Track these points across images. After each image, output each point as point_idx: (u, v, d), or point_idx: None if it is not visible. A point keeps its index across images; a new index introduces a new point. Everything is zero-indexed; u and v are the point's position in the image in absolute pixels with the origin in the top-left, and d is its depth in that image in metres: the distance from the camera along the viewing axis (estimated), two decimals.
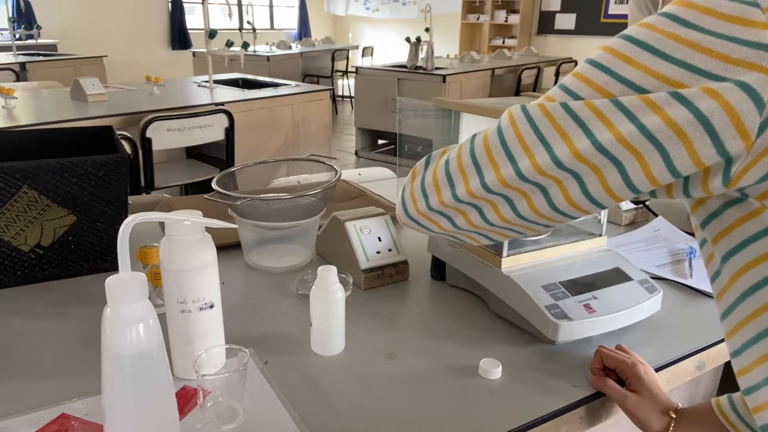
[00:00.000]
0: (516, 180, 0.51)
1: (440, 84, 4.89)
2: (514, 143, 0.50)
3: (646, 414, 0.70)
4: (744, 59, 0.40)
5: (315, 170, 1.33)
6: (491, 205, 0.54)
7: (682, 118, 0.42)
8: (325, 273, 0.78)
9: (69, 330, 0.84)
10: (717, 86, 0.41)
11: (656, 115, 0.43)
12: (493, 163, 0.52)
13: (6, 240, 0.93)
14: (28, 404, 0.67)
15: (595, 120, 0.45)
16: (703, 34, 0.42)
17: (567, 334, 0.79)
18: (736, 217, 0.48)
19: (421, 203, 0.60)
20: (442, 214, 0.58)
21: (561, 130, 0.47)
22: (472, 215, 0.56)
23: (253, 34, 5.73)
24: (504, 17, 8.88)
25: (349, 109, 7.64)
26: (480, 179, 0.53)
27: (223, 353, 0.69)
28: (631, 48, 0.45)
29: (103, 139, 1.14)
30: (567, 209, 0.50)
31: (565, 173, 0.48)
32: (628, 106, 0.44)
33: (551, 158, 0.48)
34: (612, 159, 0.45)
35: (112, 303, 0.53)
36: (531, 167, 0.49)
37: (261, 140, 3.41)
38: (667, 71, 0.43)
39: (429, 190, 0.59)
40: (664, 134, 0.43)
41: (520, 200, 0.52)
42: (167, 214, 0.61)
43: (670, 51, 0.43)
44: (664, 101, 0.42)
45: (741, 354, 0.52)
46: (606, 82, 0.46)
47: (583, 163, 0.46)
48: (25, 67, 4.84)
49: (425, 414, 0.69)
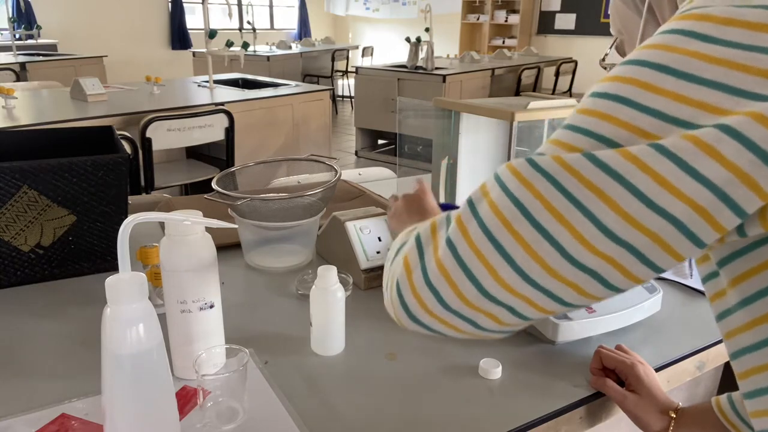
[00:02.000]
0: (561, 263, 0.38)
1: (440, 84, 4.89)
2: (539, 211, 0.38)
3: (645, 414, 0.70)
4: None
5: (315, 170, 1.33)
6: (525, 302, 0.41)
7: (740, 157, 0.34)
8: (325, 273, 0.78)
9: (69, 330, 0.84)
10: (761, 108, 0.34)
11: (711, 159, 0.35)
12: (519, 240, 0.39)
13: (6, 240, 0.93)
14: (28, 404, 0.67)
15: (640, 174, 0.36)
16: (731, 49, 0.36)
17: (567, 334, 0.79)
18: (765, 258, 0.42)
19: (430, 301, 0.44)
20: (461, 316, 0.44)
21: (598, 190, 0.37)
22: (503, 315, 0.42)
23: (253, 34, 5.73)
24: (504, 17, 8.88)
25: (349, 109, 7.64)
26: (511, 265, 0.39)
27: (223, 353, 0.69)
28: (650, 73, 0.37)
29: (103, 139, 1.14)
30: (626, 285, 0.39)
31: (619, 247, 0.37)
32: (676, 150, 0.35)
33: (600, 229, 0.37)
34: (672, 219, 0.36)
35: (112, 303, 0.53)
36: (576, 242, 0.37)
37: (261, 140, 3.41)
38: (700, 95, 0.36)
39: (439, 284, 0.43)
40: (723, 179, 0.35)
41: (568, 292, 0.39)
42: (167, 214, 0.61)
43: (699, 72, 0.36)
44: (714, 138, 0.35)
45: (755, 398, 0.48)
46: (631, 116, 0.37)
47: (640, 230, 0.36)
48: (25, 67, 4.84)
49: (425, 414, 0.69)
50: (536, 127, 1.00)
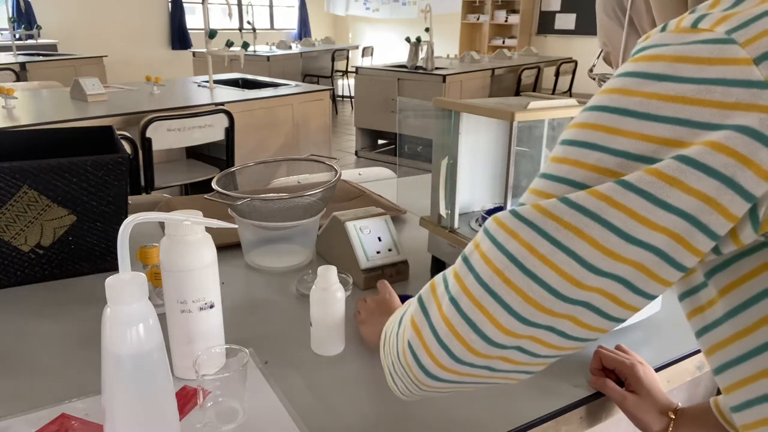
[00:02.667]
0: (551, 301, 0.41)
1: (440, 84, 4.89)
2: (526, 257, 0.41)
3: (645, 414, 0.70)
4: (738, 101, 0.37)
5: (315, 170, 1.33)
6: (532, 340, 0.43)
7: (704, 184, 0.37)
8: (325, 273, 0.78)
9: (69, 330, 0.84)
10: (718, 137, 0.37)
11: (676, 189, 0.37)
12: (513, 288, 0.41)
13: (6, 240, 0.93)
14: (28, 404, 0.67)
15: (610, 209, 0.39)
16: (684, 84, 0.38)
17: None
18: (751, 267, 0.43)
19: (444, 358, 0.46)
20: (475, 365, 0.45)
21: (575, 229, 0.39)
22: (513, 356, 0.44)
23: (253, 34, 5.72)
24: (504, 17, 8.89)
25: (349, 109, 7.64)
26: (508, 311, 0.42)
27: (223, 353, 0.69)
28: (610, 117, 0.40)
29: (103, 139, 1.14)
30: (623, 314, 0.42)
31: (606, 279, 0.40)
32: (639, 184, 0.38)
33: (581, 264, 0.39)
34: (650, 248, 0.38)
35: (112, 303, 0.53)
36: (563, 280, 0.40)
37: (261, 140, 3.41)
38: (659, 132, 0.38)
39: (448, 339, 0.45)
40: (693, 207, 0.37)
41: (566, 325, 0.42)
42: (167, 214, 0.61)
43: (656, 110, 0.39)
44: (674, 170, 0.37)
45: (743, 411, 0.48)
46: (598, 159, 0.40)
47: (621, 261, 0.39)
48: (25, 67, 4.85)
49: (425, 414, 0.69)
50: (536, 127, 1.00)
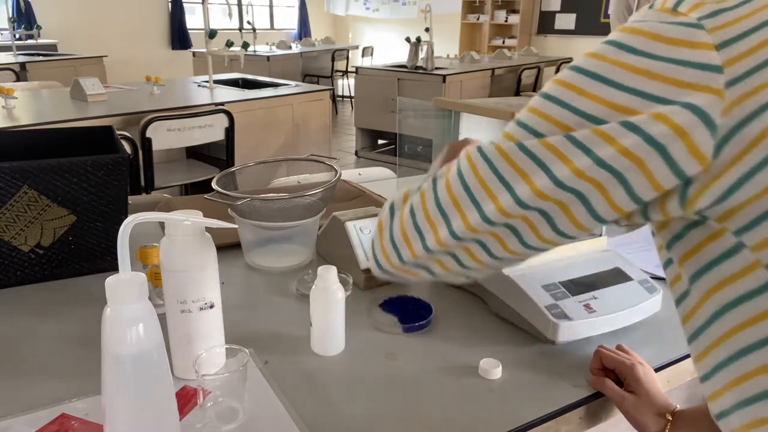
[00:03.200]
0: (482, 224, 0.49)
1: (440, 84, 4.89)
2: (476, 188, 0.49)
3: (642, 415, 0.69)
4: (692, 81, 0.41)
5: (315, 170, 1.33)
6: (464, 250, 0.52)
7: (636, 145, 0.42)
8: (325, 273, 0.78)
9: (69, 330, 0.84)
10: (666, 110, 0.41)
11: (610, 146, 0.43)
12: (459, 210, 0.51)
13: (6, 240, 0.93)
14: (28, 404, 0.67)
15: (552, 157, 0.45)
16: (651, 60, 0.42)
17: (567, 334, 0.79)
18: (699, 239, 0.47)
19: (393, 258, 0.57)
20: (417, 265, 0.56)
21: (520, 170, 0.47)
22: (447, 263, 0.55)
23: (253, 34, 5.72)
24: (504, 17, 8.88)
25: (349, 109, 7.64)
26: (448, 228, 0.52)
27: (223, 353, 0.69)
28: (583, 79, 0.45)
29: (103, 139, 1.14)
30: (539, 245, 0.50)
31: (532, 212, 0.47)
32: (583, 140, 0.44)
33: (514, 200, 0.47)
34: (575, 193, 0.45)
35: (112, 303, 0.53)
36: (496, 210, 0.48)
37: (261, 140, 3.41)
38: (618, 99, 0.43)
39: (399, 243, 0.56)
40: (620, 163, 0.43)
41: (492, 243, 0.51)
42: (167, 214, 0.61)
43: (621, 79, 0.43)
44: (616, 132, 0.43)
45: (711, 378, 0.51)
46: (562, 115, 0.46)
47: (547, 200, 0.46)
48: (25, 67, 4.84)
49: (425, 414, 0.69)
50: None
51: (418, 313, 0.88)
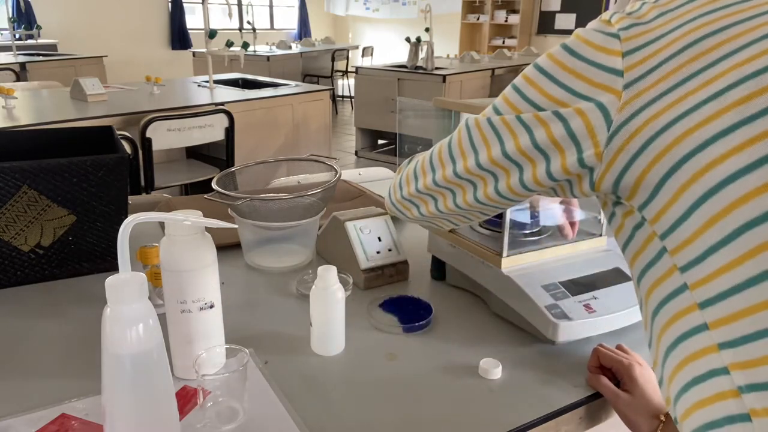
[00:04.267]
0: (453, 177, 0.63)
1: (440, 84, 4.89)
2: (455, 148, 0.63)
3: (635, 415, 0.69)
4: (602, 82, 0.49)
5: (315, 170, 1.33)
6: (441, 195, 0.67)
7: (559, 133, 0.52)
8: (325, 273, 0.78)
9: (69, 330, 0.84)
10: (583, 106, 0.50)
11: (542, 129, 0.53)
12: (441, 164, 0.65)
13: (6, 240, 0.93)
14: (28, 404, 0.67)
15: (506, 132, 0.56)
16: (579, 61, 0.51)
17: (567, 334, 0.79)
18: (620, 214, 0.53)
19: (398, 193, 0.74)
20: (411, 202, 0.72)
21: (485, 139, 0.58)
22: (430, 204, 0.70)
23: (253, 34, 5.72)
24: (504, 17, 8.88)
25: (349, 109, 7.64)
26: (432, 175, 0.66)
27: (223, 353, 0.69)
28: (536, 74, 0.55)
29: (103, 139, 1.14)
30: (486, 201, 0.62)
31: (485, 173, 0.59)
32: (527, 121, 0.54)
33: (475, 162, 0.60)
34: (515, 163, 0.56)
35: (112, 303, 0.53)
36: (463, 168, 0.61)
37: (261, 140, 3.41)
38: (554, 93, 0.52)
39: (403, 182, 0.73)
40: (547, 145, 0.53)
41: (458, 192, 0.64)
42: (167, 214, 0.61)
43: (558, 76, 0.52)
44: (549, 118, 0.52)
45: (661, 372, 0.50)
46: (517, 101, 0.56)
47: (496, 166, 0.58)
48: (25, 67, 4.84)
49: (425, 414, 0.69)
50: None
51: (418, 313, 0.88)
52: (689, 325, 0.45)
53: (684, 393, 0.46)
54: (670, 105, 0.45)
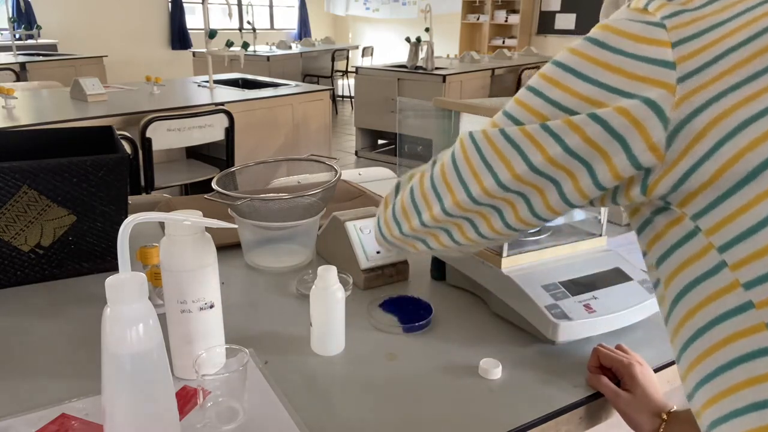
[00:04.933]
0: (470, 204, 0.55)
1: (440, 84, 4.89)
2: (464, 169, 0.54)
3: (637, 414, 0.69)
4: (648, 76, 0.44)
5: (315, 170, 1.33)
6: (455, 226, 0.58)
7: (599, 135, 0.46)
8: (325, 273, 0.78)
9: (69, 330, 0.84)
10: (626, 103, 0.44)
11: (576, 135, 0.46)
12: (449, 189, 0.56)
13: (6, 240, 0.93)
14: (28, 404, 0.67)
15: (528, 144, 0.49)
16: (615, 55, 0.45)
17: (567, 334, 0.79)
18: (663, 224, 0.49)
19: (395, 230, 0.65)
20: (416, 238, 0.63)
21: (501, 155, 0.51)
22: (441, 237, 0.60)
23: (253, 34, 5.72)
24: (504, 17, 8.88)
25: (349, 109, 7.64)
26: (440, 205, 0.57)
27: (223, 353, 0.69)
28: (558, 72, 0.49)
29: (103, 139, 1.14)
30: (519, 226, 0.54)
31: (512, 194, 0.52)
32: (555, 129, 0.48)
33: (496, 182, 0.52)
34: (549, 178, 0.49)
35: (112, 303, 0.53)
36: (480, 191, 0.53)
37: (261, 140, 3.41)
38: (586, 91, 0.46)
39: (399, 217, 0.63)
40: (586, 152, 0.47)
41: (479, 221, 0.56)
42: (167, 214, 0.61)
43: (589, 72, 0.46)
44: (582, 122, 0.46)
45: (679, 361, 0.50)
46: (539, 105, 0.49)
47: (525, 184, 0.51)
48: (25, 67, 4.84)
49: (425, 414, 0.69)
50: None
51: (418, 313, 0.88)
52: (728, 306, 0.43)
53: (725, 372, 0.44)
54: (743, 102, 0.41)
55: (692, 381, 0.48)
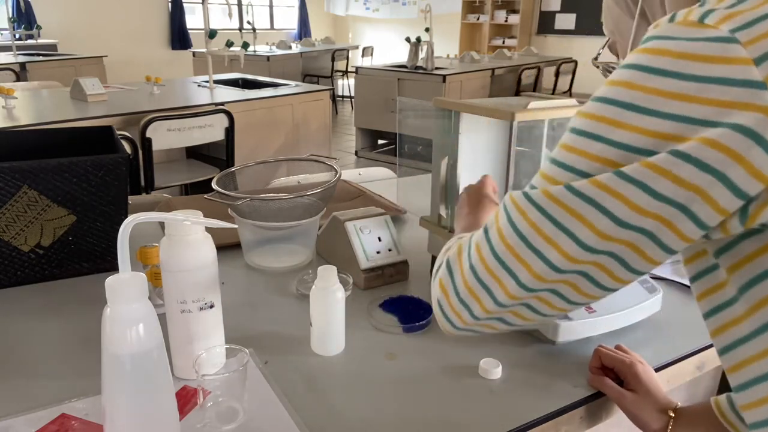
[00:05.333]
0: (551, 273, 0.47)
1: (440, 84, 4.89)
2: (533, 236, 0.47)
3: (644, 413, 0.70)
4: (734, 100, 0.39)
5: (315, 170, 1.33)
6: (539, 300, 0.51)
7: (695, 176, 0.40)
8: (325, 273, 0.78)
9: (69, 330, 0.84)
10: (714, 134, 0.39)
11: (666, 179, 0.41)
12: (521, 261, 0.49)
13: (6, 240, 0.93)
14: (28, 404, 0.67)
15: (606, 196, 0.43)
16: (687, 82, 0.40)
17: (567, 334, 0.79)
18: (754, 248, 0.46)
19: (465, 315, 0.56)
20: (491, 318, 0.54)
21: (576, 213, 0.45)
22: (523, 312, 0.53)
23: (253, 34, 5.73)
24: (504, 17, 8.88)
25: (349, 109, 7.64)
26: (515, 280, 0.50)
27: (223, 353, 0.69)
28: (615, 110, 0.43)
29: (103, 139, 1.14)
30: (615, 285, 0.48)
31: (601, 255, 0.45)
32: (634, 175, 0.42)
33: (578, 245, 0.45)
34: (641, 231, 0.43)
35: (112, 303, 0.53)
36: (561, 257, 0.46)
37: (261, 140, 3.41)
38: (660, 127, 0.41)
39: (468, 301, 0.54)
40: (681, 195, 0.41)
41: (566, 290, 0.49)
42: (167, 214, 0.61)
43: (657, 106, 0.41)
44: (670, 163, 0.41)
45: (747, 389, 0.50)
46: (601, 150, 0.44)
47: (613, 242, 0.44)
48: (25, 67, 4.84)
49: (425, 414, 0.69)
50: (536, 127, 1.00)
51: (418, 313, 0.88)
52: None
53: None
54: None
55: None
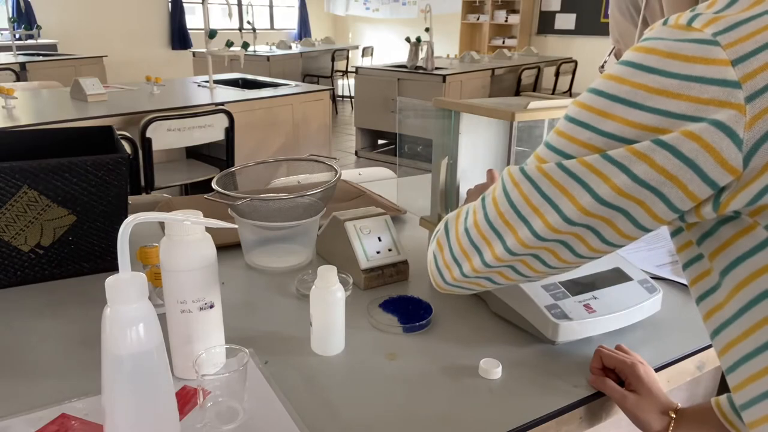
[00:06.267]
0: (534, 240, 0.53)
1: (440, 84, 4.89)
2: (522, 205, 0.53)
3: (645, 414, 0.70)
4: (713, 98, 0.42)
5: (315, 170, 1.33)
6: (521, 263, 0.57)
7: (669, 163, 0.44)
8: (325, 273, 0.78)
9: (69, 330, 0.84)
10: (694, 128, 0.43)
11: (644, 164, 0.45)
12: (509, 227, 0.55)
13: (6, 240, 0.93)
14: (28, 404, 0.67)
15: (591, 175, 0.48)
16: (669, 79, 0.43)
17: (567, 334, 0.79)
18: (731, 234, 0.49)
19: (455, 271, 0.63)
20: (479, 277, 0.61)
21: (563, 188, 0.50)
22: (507, 273, 0.59)
23: (253, 34, 5.73)
24: (504, 17, 8.88)
25: (349, 109, 7.64)
26: (503, 244, 0.56)
27: (223, 353, 0.69)
28: (605, 102, 0.47)
29: (103, 139, 1.14)
30: (591, 255, 0.53)
31: (580, 227, 0.50)
32: (618, 158, 0.46)
33: (561, 217, 0.50)
34: (617, 209, 0.48)
35: (112, 303, 0.53)
36: (545, 227, 0.52)
37: (261, 140, 3.41)
38: (644, 120, 0.45)
39: (460, 258, 0.62)
40: (657, 180, 0.45)
41: (547, 255, 0.55)
42: (167, 214, 0.61)
43: (642, 100, 0.45)
44: (649, 149, 0.45)
45: (736, 370, 0.52)
46: (589, 137, 0.48)
47: (592, 216, 0.49)
48: (25, 67, 4.84)
49: (425, 414, 0.69)
50: (536, 127, 1.00)
51: (418, 313, 0.88)
52: None
53: None
54: None
55: None
